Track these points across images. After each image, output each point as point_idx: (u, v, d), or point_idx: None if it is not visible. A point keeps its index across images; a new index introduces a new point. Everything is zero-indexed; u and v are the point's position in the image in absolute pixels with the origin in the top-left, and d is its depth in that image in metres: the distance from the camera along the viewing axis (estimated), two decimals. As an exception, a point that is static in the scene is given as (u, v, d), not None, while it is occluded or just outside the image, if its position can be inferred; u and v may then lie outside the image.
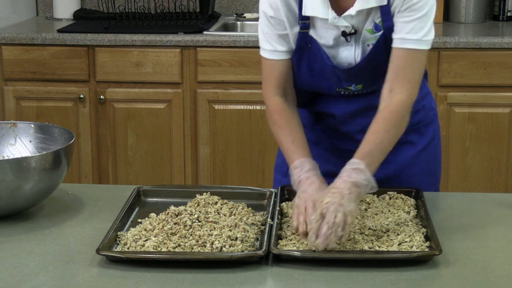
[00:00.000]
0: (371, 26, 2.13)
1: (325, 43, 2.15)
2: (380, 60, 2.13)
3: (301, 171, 2.04)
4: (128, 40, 3.92)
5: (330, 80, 2.19)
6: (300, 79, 2.23)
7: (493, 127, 3.85)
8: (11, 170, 1.97)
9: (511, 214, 2.09)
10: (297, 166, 2.06)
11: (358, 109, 2.24)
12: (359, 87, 2.20)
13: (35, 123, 2.30)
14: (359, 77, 2.18)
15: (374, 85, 2.19)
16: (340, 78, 2.18)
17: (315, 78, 2.20)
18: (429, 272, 1.76)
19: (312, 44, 2.15)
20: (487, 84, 3.81)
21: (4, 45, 3.98)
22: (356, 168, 1.97)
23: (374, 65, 2.15)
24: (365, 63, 2.14)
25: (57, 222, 2.05)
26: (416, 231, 1.90)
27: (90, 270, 1.78)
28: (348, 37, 2.13)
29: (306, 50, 2.17)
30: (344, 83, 2.19)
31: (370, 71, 2.16)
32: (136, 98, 3.98)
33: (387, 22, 2.11)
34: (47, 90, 4.00)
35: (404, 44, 2.10)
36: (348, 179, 1.94)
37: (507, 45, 3.77)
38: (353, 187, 1.92)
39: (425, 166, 2.29)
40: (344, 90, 2.21)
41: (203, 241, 1.84)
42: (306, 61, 2.18)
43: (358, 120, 2.24)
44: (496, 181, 3.89)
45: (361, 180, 1.95)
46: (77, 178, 4.03)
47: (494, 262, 1.82)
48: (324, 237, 1.81)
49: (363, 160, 1.99)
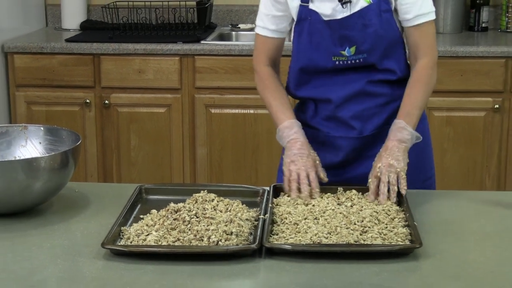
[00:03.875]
0: None
1: (323, 12, 2.21)
2: (370, 21, 2.19)
3: (290, 131, 2.17)
4: (131, 49, 3.92)
5: (327, 48, 2.23)
6: (301, 52, 2.28)
7: (469, 130, 3.85)
8: (22, 169, 1.97)
9: (486, 210, 2.10)
10: (287, 126, 2.19)
11: (352, 93, 2.27)
12: (352, 51, 2.22)
13: (45, 126, 2.29)
14: (350, 34, 2.21)
15: (366, 52, 2.22)
16: (334, 39, 2.21)
17: (314, 50, 2.25)
18: (410, 264, 1.76)
19: (312, 16, 2.22)
20: (463, 90, 3.82)
21: (16, 53, 3.97)
22: (399, 127, 2.15)
23: (364, 24, 2.20)
24: (357, 17, 2.19)
25: (65, 218, 2.05)
26: (399, 226, 1.90)
27: (96, 263, 1.77)
28: (344, 4, 2.20)
29: (306, 22, 2.23)
30: (338, 46, 2.22)
31: (360, 28, 2.20)
32: (138, 103, 3.98)
33: None
34: (56, 96, 4.00)
35: (417, 21, 2.22)
36: (394, 138, 2.13)
37: (481, 53, 3.78)
38: (399, 144, 2.12)
39: (414, 163, 2.30)
40: (339, 58, 2.24)
41: (200, 236, 1.84)
42: (306, 33, 2.24)
43: (352, 106, 2.28)
44: (472, 179, 3.89)
45: (405, 136, 2.14)
46: (84, 177, 4.02)
47: (470, 255, 1.82)
48: (384, 195, 2.03)
49: (404, 119, 2.16)
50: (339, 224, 1.89)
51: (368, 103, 2.27)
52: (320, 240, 1.82)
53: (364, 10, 2.19)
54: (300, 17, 2.24)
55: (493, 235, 1.94)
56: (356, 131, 2.29)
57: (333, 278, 1.70)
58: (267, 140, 3.89)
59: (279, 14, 2.26)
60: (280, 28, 2.29)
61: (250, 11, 4.49)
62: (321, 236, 1.83)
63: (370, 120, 2.28)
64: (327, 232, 1.86)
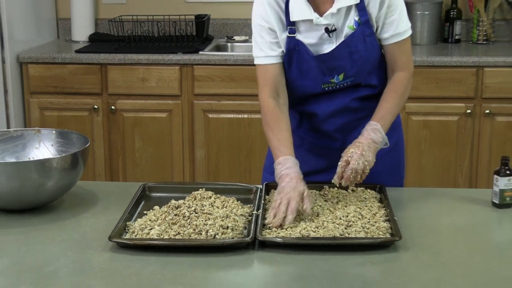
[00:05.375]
0: (352, 23, 2.14)
1: (310, 42, 2.16)
2: (356, 48, 2.15)
3: (282, 167, 2.04)
4: (135, 59, 3.91)
5: (316, 77, 2.19)
6: (291, 80, 2.22)
7: (444, 133, 3.86)
8: (36, 170, 1.97)
9: (459, 206, 2.10)
10: (280, 162, 2.06)
11: (337, 109, 2.24)
12: (341, 77, 2.19)
13: (56, 130, 2.29)
14: (338, 64, 2.17)
15: (353, 76, 2.19)
16: (322, 70, 2.17)
17: (303, 78, 2.20)
18: (391, 255, 1.76)
19: (300, 46, 2.16)
20: (438, 96, 3.82)
21: (30, 63, 3.96)
22: (374, 128, 2.11)
23: (351, 51, 2.15)
24: (343, 47, 2.15)
25: (75, 214, 2.05)
26: (380, 221, 1.90)
27: (103, 255, 1.77)
28: (330, 33, 2.14)
29: (294, 52, 2.17)
30: (327, 76, 2.18)
31: (347, 57, 2.16)
32: (142, 109, 3.97)
33: (363, 17, 2.14)
34: (66, 102, 3.99)
35: (394, 39, 2.19)
36: (368, 136, 2.09)
37: (455, 63, 3.78)
38: (372, 143, 2.07)
39: (390, 166, 2.30)
40: (328, 85, 2.20)
41: (199, 230, 1.84)
42: (295, 62, 2.18)
43: (336, 120, 2.25)
44: (446, 178, 3.90)
45: (378, 137, 2.09)
46: (92, 176, 4.01)
47: (445, 247, 1.83)
48: (347, 179, 2.00)
49: (379, 122, 2.12)
50: (326, 219, 1.90)
51: (350, 117, 2.24)
52: (308, 233, 1.82)
53: (349, 38, 2.14)
54: (288, 48, 2.17)
55: (465, 229, 1.94)
56: (339, 142, 2.27)
57: (321, 268, 1.70)
58: (260, 142, 3.88)
59: (275, 41, 2.18)
60: (279, 53, 2.18)
61: (244, 24, 4.49)
62: (309, 230, 1.83)
63: (351, 132, 2.23)
64: (315, 226, 1.86)
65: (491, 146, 3.85)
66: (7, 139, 2.25)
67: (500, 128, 3.83)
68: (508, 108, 3.81)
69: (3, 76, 3.90)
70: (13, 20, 3.94)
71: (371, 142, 2.07)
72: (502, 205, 2.06)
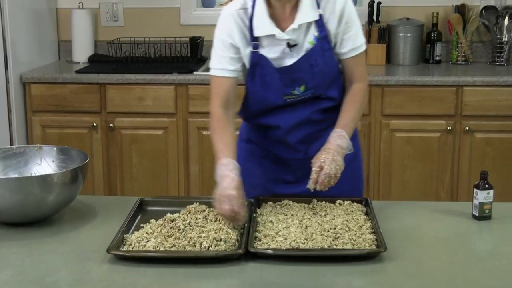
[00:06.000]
0: (312, 38, 2.17)
1: (273, 56, 2.18)
2: (315, 61, 2.17)
3: (226, 168, 2.05)
4: (133, 79, 3.91)
5: (278, 89, 2.19)
6: (254, 92, 2.24)
7: (426, 149, 3.86)
8: (38, 184, 1.96)
9: (441, 218, 2.10)
10: (223, 163, 2.07)
11: (299, 121, 2.25)
12: (302, 89, 2.20)
13: (57, 147, 2.28)
14: (299, 76, 2.18)
15: (313, 89, 2.20)
16: (285, 82, 2.18)
17: (266, 90, 2.21)
18: (376, 265, 1.76)
19: (263, 61, 2.18)
20: (421, 114, 3.83)
21: (33, 83, 3.95)
22: (340, 135, 2.13)
23: (311, 64, 2.17)
24: (304, 60, 2.17)
25: (75, 227, 2.04)
26: (366, 233, 1.90)
27: (102, 266, 1.76)
28: (291, 48, 2.16)
29: (258, 66, 2.19)
30: (288, 87, 2.19)
31: (308, 70, 2.18)
32: (139, 126, 3.96)
33: (322, 33, 2.17)
34: (67, 120, 3.98)
35: (352, 53, 2.22)
36: (335, 142, 2.10)
37: (436, 82, 3.79)
38: (339, 148, 2.09)
39: (351, 176, 2.32)
40: (290, 96, 2.21)
41: (193, 242, 1.83)
42: (258, 75, 2.20)
43: (298, 132, 2.26)
44: (429, 191, 3.90)
45: (344, 143, 2.11)
46: (91, 191, 4.00)
47: (427, 257, 1.83)
48: (321, 183, 2.02)
49: (343, 129, 2.14)
50: (315, 231, 1.89)
51: (312, 128, 2.25)
52: (298, 245, 1.82)
53: (310, 52, 2.17)
54: (252, 62, 2.19)
55: (447, 240, 1.94)
56: (302, 153, 2.28)
57: (310, 278, 1.69)
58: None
59: (235, 56, 2.19)
60: (237, 68, 2.21)
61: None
62: (299, 242, 1.83)
63: (313, 143, 2.25)
64: (304, 238, 1.85)
65: (471, 161, 3.86)
66: (10, 155, 2.24)
67: (479, 144, 3.84)
68: (486, 125, 3.83)
69: (7, 95, 3.89)
70: (17, 42, 3.94)
71: (338, 148, 2.09)
72: (481, 217, 2.06)
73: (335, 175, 2.04)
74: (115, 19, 4.53)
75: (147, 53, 4.23)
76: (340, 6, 2.17)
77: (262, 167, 2.29)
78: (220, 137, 2.16)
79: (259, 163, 2.33)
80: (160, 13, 4.50)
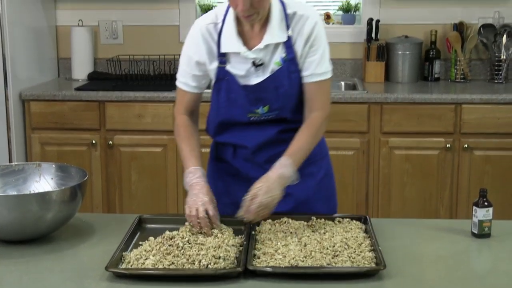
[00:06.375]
0: (279, 59, 2.16)
1: (238, 73, 2.18)
2: (281, 83, 2.17)
3: (193, 176, 2.09)
4: (132, 96, 3.92)
5: (243, 106, 2.20)
6: (219, 108, 2.25)
7: (425, 166, 3.87)
8: (36, 202, 1.96)
9: (440, 235, 2.10)
10: (192, 171, 2.12)
11: (266, 141, 2.24)
12: (266, 109, 2.20)
13: (56, 164, 2.28)
14: (264, 96, 2.18)
15: (278, 110, 2.20)
16: (249, 100, 2.19)
17: (231, 106, 2.22)
18: (376, 283, 1.76)
19: (229, 76, 2.19)
20: (420, 131, 3.84)
21: (32, 100, 3.96)
22: (284, 164, 2.08)
23: (276, 86, 2.17)
24: (268, 80, 2.16)
25: (73, 244, 2.03)
26: (365, 250, 1.90)
27: (100, 284, 1.76)
28: (257, 67, 2.16)
29: (223, 81, 2.20)
30: (252, 106, 2.19)
31: (272, 91, 2.17)
32: (138, 143, 3.97)
33: (290, 55, 2.16)
34: (66, 137, 3.98)
35: (314, 78, 2.18)
36: (276, 172, 2.06)
37: (435, 100, 3.80)
38: (280, 178, 2.04)
39: (325, 194, 2.33)
40: (253, 115, 2.21)
41: (192, 260, 1.83)
42: (224, 91, 2.21)
43: (266, 152, 2.25)
44: (428, 209, 3.90)
45: (287, 173, 2.06)
46: (90, 208, 3.99)
47: (427, 275, 1.82)
48: (253, 213, 1.98)
49: (289, 158, 2.09)
50: (314, 249, 1.89)
51: (279, 148, 2.19)
52: (297, 263, 1.81)
53: (276, 74, 2.16)
54: (218, 77, 2.20)
55: (446, 257, 1.94)
56: None
57: (309, 296, 1.69)
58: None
59: (199, 74, 2.22)
60: (200, 85, 2.24)
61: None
62: (298, 260, 1.83)
63: None
64: (303, 256, 1.85)
65: (470, 178, 3.86)
66: (9, 173, 2.24)
67: (478, 161, 3.85)
68: (485, 143, 3.83)
69: (6, 112, 3.90)
70: (17, 60, 3.95)
71: (279, 178, 2.05)
72: (481, 235, 2.06)
73: (268, 206, 2.00)
74: (115, 36, 4.55)
75: (146, 71, 4.24)
76: (308, 29, 2.14)
77: (233, 186, 2.28)
78: (186, 144, 2.21)
79: (230, 182, 2.31)
80: (159, 30, 4.52)
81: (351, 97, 3.82)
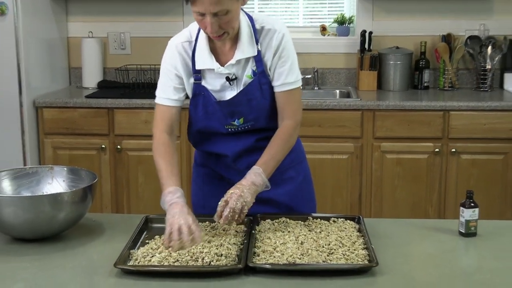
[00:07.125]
0: (250, 73, 2.16)
1: (214, 88, 2.18)
2: (253, 95, 2.16)
3: (173, 196, 2.05)
4: (139, 103, 3.92)
5: (220, 119, 2.19)
6: (197, 121, 2.24)
7: (415, 169, 3.87)
8: (49, 203, 1.96)
9: (429, 234, 2.10)
10: (171, 191, 2.07)
11: (244, 149, 2.24)
12: (241, 121, 2.20)
13: (68, 167, 2.28)
14: (238, 109, 2.18)
15: (252, 121, 2.20)
16: (225, 114, 2.18)
17: (208, 119, 2.21)
18: (368, 279, 1.76)
19: (205, 92, 2.18)
20: (410, 137, 3.84)
21: (45, 107, 3.97)
22: (256, 172, 2.07)
23: (249, 99, 2.16)
24: (241, 94, 2.16)
25: (84, 242, 2.04)
26: (359, 248, 1.90)
27: (109, 280, 1.76)
28: (230, 82, 2.16)
29: (200, 96, 2.20)
30: (228, 118, 2.19)
31: (246, 104, 2.17)
32: (145, 148, 3.96)
33: (259, 68, 2.16)
34: (77, 142, 3.99)
35: (284, 88, 2.17)
36: (250, 180, 2.05)
37: (424, 107, 3.81)
38: (251, 185, 2.03)
39: (305, 196, 2.33)
40: (230, 126, 2.21)
41: (196, 257, 1.83)
42: (201, 105, 2.20)
43: (246, 159, 2.24)
44: (418, 209, 3.90)
45: (258, 181, 2.05)
46: (99, 209, 3.99)
47: (417, 272, 1.82)
48: (225, 218, 1.96)
49: (261, 167, 2.08)
50: (310, 247, 1.89)
51: (258, 155, 2.16)
52: (294, 260, 1.81)
53: (248, 87, 2.15)
54: (195, 93, 2.19)
55: (435, 255, 1.94)
56: None
57: (305, 291, 1.69)
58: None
59: (179, 87, 2.20)
60: (180, 98, 2.21)
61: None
62: (295, 257, 1.83)
63: None
64: (300, 253, 1.85)
65: (457, 181, 3.86)
66: (23, 175, 2.24)
67: (465, 165, 3.85)
68: (472, 147, 3.83)
69: (20, 118, 3.90)
70: (30, 69, 3.96)
71: (251, 185, 2.03)
72: (467, 234, 2.06)
73: (241, 211, 1.99)
74: (123, 47, 4.56)
75: (152, 79, 4.24)
76: (276, 42, 2.13)
77: (219, 190, 2.26)
78: (166, 163, 2.14)
79: (216, 186, 2.30)
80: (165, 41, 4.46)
81: (346, 104, 3.82)
